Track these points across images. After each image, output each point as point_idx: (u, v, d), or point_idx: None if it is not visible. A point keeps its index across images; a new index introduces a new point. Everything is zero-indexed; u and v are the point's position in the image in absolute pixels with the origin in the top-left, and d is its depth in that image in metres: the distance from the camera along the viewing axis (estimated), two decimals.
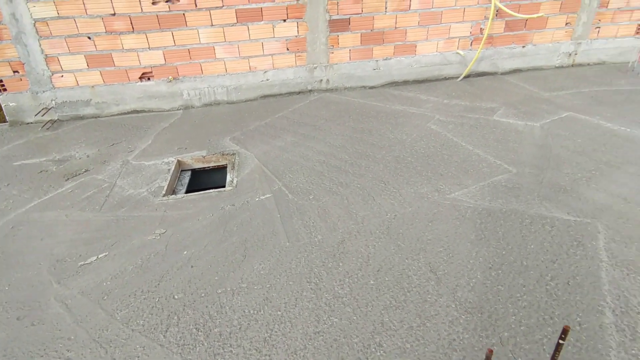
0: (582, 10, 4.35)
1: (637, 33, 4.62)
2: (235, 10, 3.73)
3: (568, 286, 1.67)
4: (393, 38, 4.18)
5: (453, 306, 1.60)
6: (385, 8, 3.99)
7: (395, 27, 4.12)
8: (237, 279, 1.81)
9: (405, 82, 4.42)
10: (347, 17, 3.96)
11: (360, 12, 3.96)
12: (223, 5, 3.70)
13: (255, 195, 2.44)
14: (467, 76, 4.50)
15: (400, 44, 4.22)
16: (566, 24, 4.42)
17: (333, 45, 4.08)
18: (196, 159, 3.05)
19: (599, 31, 4.52)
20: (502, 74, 4.57)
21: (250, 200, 2.39)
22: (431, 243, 1.96)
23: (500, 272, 1.76)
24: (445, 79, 4.48)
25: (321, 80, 4.23)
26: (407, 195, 2.36)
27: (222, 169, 3.07)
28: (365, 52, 4.19)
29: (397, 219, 2.16)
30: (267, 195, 2.43)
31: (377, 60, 4.26)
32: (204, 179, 3.08)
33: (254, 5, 3.74)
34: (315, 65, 4.14)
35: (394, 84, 4.40)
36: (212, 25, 3.77)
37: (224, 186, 2.64)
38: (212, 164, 3.07)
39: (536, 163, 2.63)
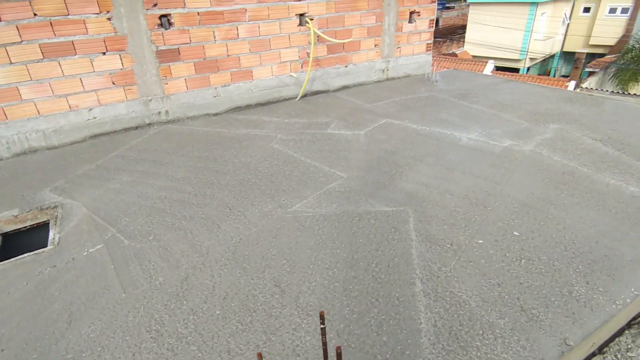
0: (384, 34, 5.20)
1: (427, 50, 5.74)
2: (39, 44, 3.30)
3: (389, 268, 1.94)
4: (228, 65, 4.28)
5: (296, 314, 1.70)
6: (214, 37, 4.06)
7: (228, 55, 4.23)
8: (60, 350, 1.56)
9: (249, 106, 4.56)
10: (176, 47, 3.90)
11: (189, 41, 3.95)
12: (22, 40, 3.23)
13: (82, 250, 2.16)
14: (304, 95, 4.89)
15: (236, 70, 4.34)
16: (375, 45, 5.22)
17: (166, 76, 3.96)
18: (6, 220, 2.55)
19: (400, 50, 5.47)
20: (334, 91, 5.12)
21: (77, 256, 2.11)
22: (275, 258, 2.05)
23: (335, 270, 1.94)
24: (285, 99, 4.78)
25: (159, 112, 4.05)
26: (252, 216, 2.42)
27: (43, 227, 2.64)
28: (202, 80, 4.19)
29: (243, 241, 2.19)
30: (98, 247, 2.18)
31: (216, 88, 4.30)
32: (20, 243, 2.59)
33: (62, 39, 3.37)
34: (149, 98, 3.94)
35: (238, 108, 4.49)
36: (11, 63, 3.25)
37: (46, 246, 2.27)
38: (28, 223, 2.61)
39: (362, 166, 3.01)
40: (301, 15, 4.50)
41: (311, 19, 4.54)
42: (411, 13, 5.31)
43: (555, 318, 1.63)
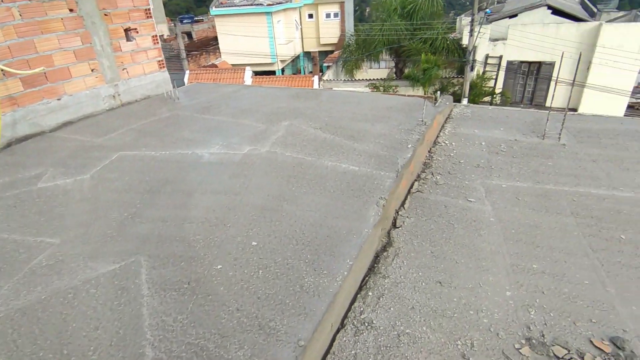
0: (99, 56, 4.54)
1: (161, 68, 5.40)
2: None
3: (111, 347, 1.57)
4: None
5: None
6: None
7: None
8: None
9: None
10: None
11: None
12: None
13: None
14: (8, 145, 3.77)
15: None
16: (92, 70, 4.50)
17: None
18: None
19: (128, 72, 4.93)
20: (52, 131, 4.15)
21: None
22: None
23: None
24: None
25: None
26: None
27: None
28: None
29: None
30: None
31: None
32: None
33: None
34: None
35: None
36: None
37: None
38: None
39: (83, 221, 2.45)
40: None
41: None
42: (126, 30, 4.82)
43: (290, 322, 1.64)
